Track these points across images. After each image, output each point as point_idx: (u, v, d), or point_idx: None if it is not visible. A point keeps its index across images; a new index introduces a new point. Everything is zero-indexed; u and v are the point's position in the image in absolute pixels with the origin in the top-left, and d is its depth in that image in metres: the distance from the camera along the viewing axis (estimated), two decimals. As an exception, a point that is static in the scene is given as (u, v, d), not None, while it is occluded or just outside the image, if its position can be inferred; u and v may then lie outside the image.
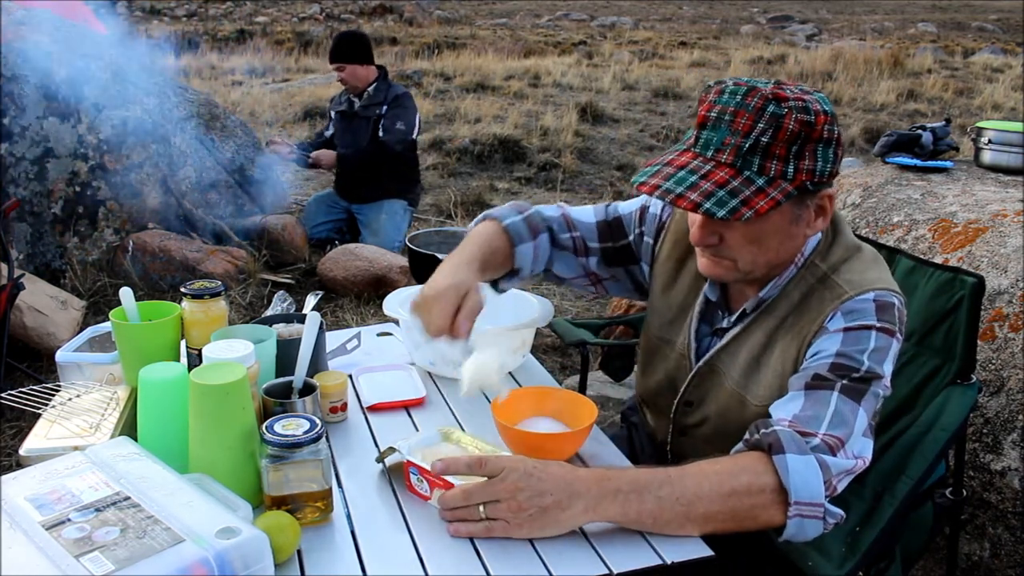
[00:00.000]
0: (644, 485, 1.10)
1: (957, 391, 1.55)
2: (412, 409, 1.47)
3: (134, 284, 3.70)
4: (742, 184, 1.15)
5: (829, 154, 1.17)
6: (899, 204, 2.50)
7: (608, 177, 6.55)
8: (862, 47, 13.31)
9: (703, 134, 1.20)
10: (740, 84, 1.18)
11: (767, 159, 1.15)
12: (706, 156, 1.19)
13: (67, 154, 3.74)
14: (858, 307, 1.23)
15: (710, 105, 1.19)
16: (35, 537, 0.90)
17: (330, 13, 22.17)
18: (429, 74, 10.22)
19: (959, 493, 1.59)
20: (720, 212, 1.14)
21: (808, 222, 1.24)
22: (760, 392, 1.31)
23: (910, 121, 8.34)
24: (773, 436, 1.13)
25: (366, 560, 1.05)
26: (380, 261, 4.01)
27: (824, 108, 1.17)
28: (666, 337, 1.46)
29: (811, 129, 1.15)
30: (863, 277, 1.26)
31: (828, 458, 1.12)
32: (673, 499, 1.09)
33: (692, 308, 1.42)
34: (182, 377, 1.15)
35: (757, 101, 1.15)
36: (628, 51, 14.39)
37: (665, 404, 1.47)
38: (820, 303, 1.26)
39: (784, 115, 1.14)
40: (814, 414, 1.16)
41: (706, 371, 1.38)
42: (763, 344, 1.32)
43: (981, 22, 25.42)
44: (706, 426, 1.40)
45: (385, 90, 4.56)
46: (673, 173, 1.19)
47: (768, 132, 1.14)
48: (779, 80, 1.22)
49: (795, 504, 1.10)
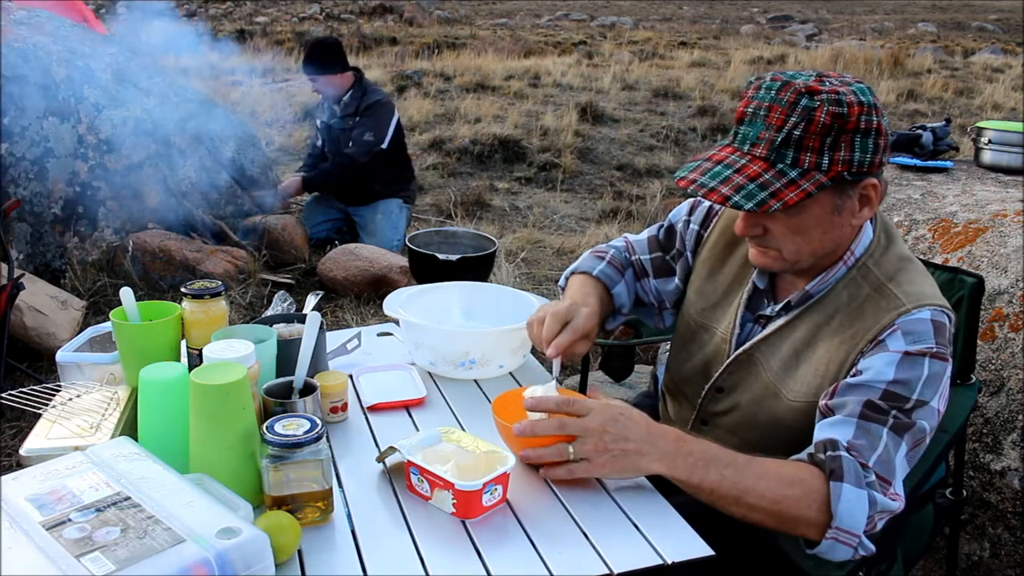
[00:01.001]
0: (714, 458, 1.18)
1: (957, 391, 1.55)
2: (412, 409, 1.47)
3: (134, 284, 3.70)
4: (773, 177, 1.18)
5: (868, 144, 1.18)
6: (899, 204, 2.50)
7: (608, 177, 6.54)
8: (862, 47, 13.31)
9: (740, 129, 1.24)
10: (776, 79, 1.20)
11: (801, 151, 1.18)
12: (743, 151, 1.23)
13: (67, 154, 3.73)
14: (918, 328, 1.23)
15: (748, 101, 1.23)
16: (35, 537, 0.90)
17: (330, 13, 22.17)
18: (429, 74, 10.21)
19: (959, 493, 1.59)
20: (748, 204, 1.17)
21: (853, 211, 1.25)
22: (796, 387, 1.32)
23: (910, 121, 8.35)
24: (838, 463, 1.17)
25: (366, 560, 1.05)
26: (380, 261, 4.01)
27: (861, 99, 1.18)
28: (706, 322, 1.48)
29: (844, 121, 1.16)
30: (921, 291, 1.27)
31: (879, 496, 1.17)
32: (732, 481, 1.17)
33: (738, 295, 1.44)
34: (182, 377, 1.15)
35: (790, 95, 1.17)
36: (628, 51, 14.38)
37: (693, 390, 1.48)
38: (876, 312, 1.26)
39: (816, 108, 1.15)
40: (867, 443, 1.19)
41: (744, 359, 1.39)
42: (806, 340, 1.32)
43: (981, 22, 25.42)
44: (733, 415, 1.40)
45: (359, 98, 4.47)
46: (710, 168, 1.23)
47: (800, 125, 1.16)
48: (822, 73, 1.23)
49: (835, 528, 1.16)
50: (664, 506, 1.18)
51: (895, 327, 1.24)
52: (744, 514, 1.18)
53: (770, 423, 1.33)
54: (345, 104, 4.48)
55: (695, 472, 1.17)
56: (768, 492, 1.16)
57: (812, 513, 1.16)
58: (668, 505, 1.18)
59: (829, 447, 1.19)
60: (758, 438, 1.34)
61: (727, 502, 1.17)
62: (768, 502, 1.16)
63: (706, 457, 1.18)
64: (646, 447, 1.17)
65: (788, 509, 1.16)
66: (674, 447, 1.18)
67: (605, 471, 1.18)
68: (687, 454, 1.18)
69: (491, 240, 3.73)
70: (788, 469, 1.19)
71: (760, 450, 1.26)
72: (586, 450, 1.17)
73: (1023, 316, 2.00)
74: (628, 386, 2.93)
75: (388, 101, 4.59)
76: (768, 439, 1.32)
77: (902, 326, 1.23)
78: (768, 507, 1.16)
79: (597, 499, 1.19)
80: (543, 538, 1.10)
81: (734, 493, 1.17)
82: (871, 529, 1.17)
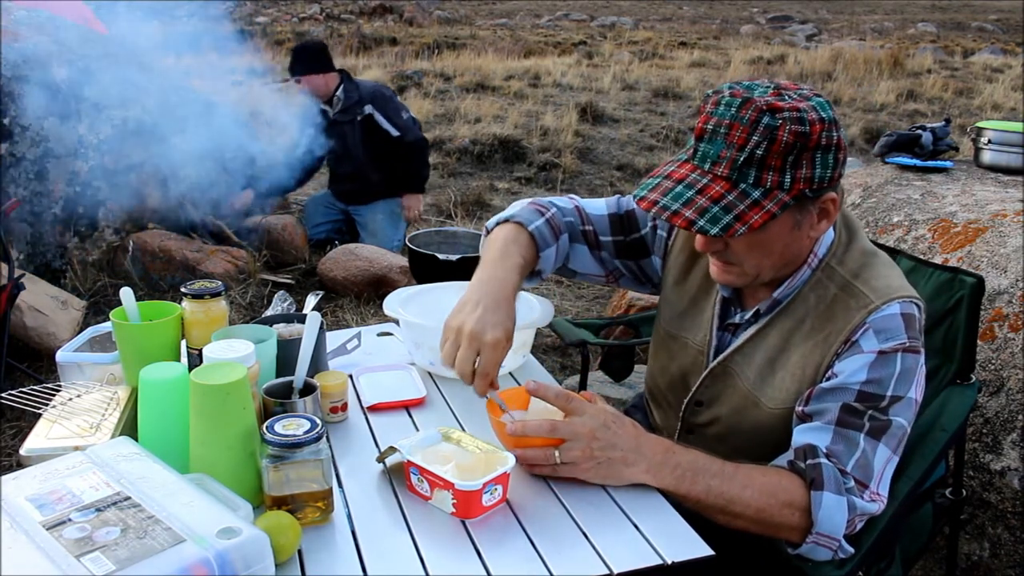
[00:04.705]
0: (701, 469, 1.20)
1: (957, 391, 1.55)
2: (412, 409, 1.47)
3: (134, 284, 3.70)
4: (737, 198, 1.16)
5: (829, 160, 1.17)
6: (899, 204, 2.50)
7: (608, 177, 6.54)
8: (862, 47, 13.31)
9: (700, 146, 1.21)
10: (736, 95, 1.17)
11: (763, 171, 1.16)
12: (703, 169, 1.20)
13: (67, 154, 3.73)
14: (888, 325, 1.24)
15: (707, 117, 1.19)
16: (36, 537, 0.90)
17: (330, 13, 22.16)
18: (429, 74, 10.21)
19: (959, 493, 1.59)
20: (713, 230, 1.16)
21: (811, 225, 1.24)
22: (775, 395, 1.32)
23: (910, 121, 8.34)
24: (818, 471, 1.19)
25: (367, 560, 1.05)
26: (380, 261, 4.01)
27: (822, 115, 1.16)
28: (674, 332, 1.47)
29: (807, 139, 1.14)
30: (887, 284, 1.27)
31: (857, 500, 1.20)
32: (718, 492, 1.19)
33: (707, 305, 1.43)
34: (182, 377, 1.15)
35: (751, 113, 1.15)
36: (628, 51, 14.37)
37: (674, 401, 1.48)
38: (846, 312, 1.26)
39: (778, 127, 1.13)
40: (845, 448, 1.22)
41: (719, 371, 1.39)
42: (779, 347, 1.32)
43: (981, 22, 25.41)
44: (716, 426, 1.41)
45: (356, 89, 4.45)
46: (671, 188, 1.20)
47: (762, 144, 1.14)
48: (779, 84, 1.21)
49: (815, 534, 1.20)
50: (664, 506, 1.18)
51: (866, 326, 1.24)
52: (728, 521, 1.20)
53: (754, 431, 1.34)
54: (339, 99, 4.43)
55: (682, 483, 1.19)
56: (753, 501, 1.19)
57: (794, 520, 1.20)
58: (668, 505, 1.18)
59: (809, 454, 1.22)
60: (744, 445, 1.35)
61: (713, 511, 1.20)
62: (753, 511, 1.19)
63: (693, 468, 1.20)
64: (632, 456, 1.18)
65: (771, 517, 1.20)
66: (661, 458, 1.20)
67: (589, 476, 1.19)
68: (674, 465, 1.20)
69: (491, 240, 3.71)
70: (771, 478, 1.22)
71: (749, 455, 1.27)
72: (573, 455, 1.18)
73: (1023, 316, 2.00)
74: (628, 386, 2.93)
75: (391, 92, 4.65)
76: (755, 445, 1.33)
77: (873, 324, 1.24)
78: (753, 516, 1.20)
79: (597, 499, 1.19)
80: (543, 538, 1.10)
81: (720, 503, 1.19)
82: (851, 531, 1.21)
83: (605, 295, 4.17)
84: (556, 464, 1.19)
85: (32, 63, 3.64)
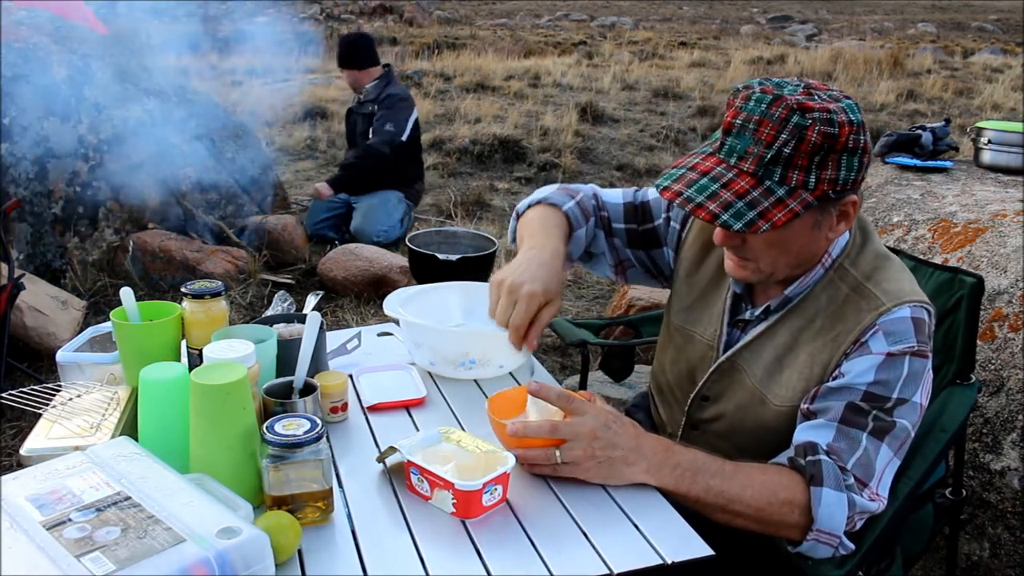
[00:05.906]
0: (701, 468, 1.20)
1: (956, 391, 1.55)
2: (412, 409, 1.47)
3: (134, 284, 3.70)
4: (761, 195, 1.16)
5: (854, 163, 1.17)
6: (899, 204, 2.50)
7: (608, 177, 6.54)
8: (862, 47, 13.31)
9: (728, 140, 1.20)
10: (767, 91, 1.17)
11: (789, 169, 1.16)
12: (729, 163, 1.20)
13: (67, 154, 3.74)
14: (898, 328, 1.24)
15: (736, 111, 1.19)
16: (36, 537, 0.90)
17: (330, 13, 22.15)
18: (429, 74, 10.22)
19: (959, 493, 1.59)
20: (737, 225, 1.16)
21: (830, 226, 1.25)
22: (781, 392, 1.32)
23: (910, 121, 8.34)
24: (818, 468, 1.19)
25: (367, 560, 1.05)
26: (380, 261, 4.02)
27: (850, 118, 1.16)
28: (683, 325, 1.48)
29: (834, 141, 1.14)
30: (899, 288, 1.27)
31: (857, 497, 1.20)
32: (718, 491, 1.19)
33: (718, 300, 1.43)
34: (182, 377, 1.15)
35: (781, 111, 1.14)
36: (628, 51, 14.38)
37: (680, 396, 1.48)
38: (856, 313, 1.27)
39: (808, 126, 1.13)
40: (847, 446, 1.22)
41: (727, 367, 1.39)
42: (788, 344, 1.32)
43: (981, 22, 25.41)
44: (721, 422, 1.41)
45: (381, 89, 4.63)
46: (696, 180, 1.20)
47: (791, 143, 1.14)
48: (808, 83, 1.20)
49: (816, 531, 1.20)
50: (664, 506, 1.18)
51: (876, 327, 1.24)
52: (729, 520, 1.20)
53: (759, 428, 1.34)
54: (367, 91, 4.67)
55: (682, 482, 1.19)
56: (753, 501, 1.19)
57: (795, 518, 1.20)
58: (668, 505, 1.18)
59: (809, 451, 1.22)
60: (748, 443, 1.35)
61: (712, 510, 1.20)
62: (753, 510, 1.19)
63: (693, 467, 1.20)
64: (633, 456, 1.18)
65: (772, 516, 1.20)
66: (662, 458, 1.20)
67: (590, 476, 1.19)
68: (674, 465, 1.20)
69: (491, 240, 3.73)
70: (772, 476, 1.22)
71: (751, 454, 1.27)
72: (574, 455, 1.17)
73: (1023, 316, 2.00)
74: (628, 386, 2.93)
75: (408, 96, 4.76)
76: (758, 444, 1.33)
77: (883, 326, 1.24)
78: (753, 514, 1.20)
79: (597, 499, 1.19)
80: (543, 538, 1.10)
81: (720, 502, 1.19)
82: (851, 528, 1.21)
83: (605, 295, 4.17)
84: (557, 464, 1.19)
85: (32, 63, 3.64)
